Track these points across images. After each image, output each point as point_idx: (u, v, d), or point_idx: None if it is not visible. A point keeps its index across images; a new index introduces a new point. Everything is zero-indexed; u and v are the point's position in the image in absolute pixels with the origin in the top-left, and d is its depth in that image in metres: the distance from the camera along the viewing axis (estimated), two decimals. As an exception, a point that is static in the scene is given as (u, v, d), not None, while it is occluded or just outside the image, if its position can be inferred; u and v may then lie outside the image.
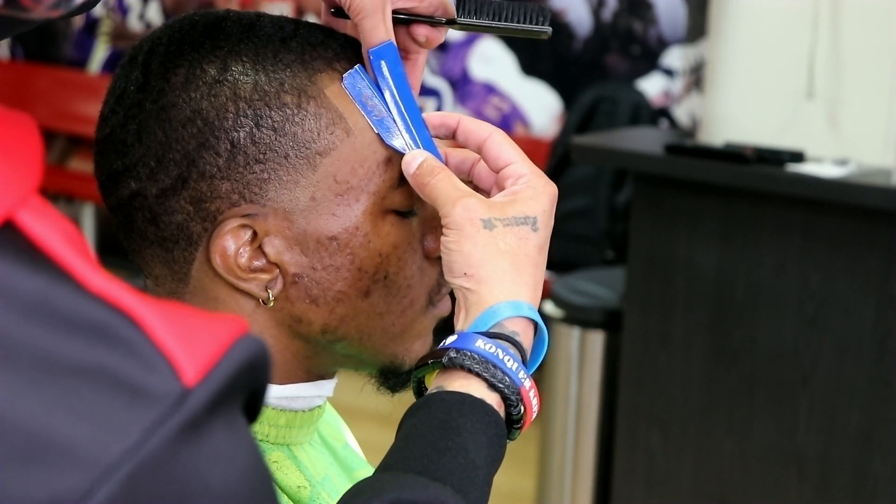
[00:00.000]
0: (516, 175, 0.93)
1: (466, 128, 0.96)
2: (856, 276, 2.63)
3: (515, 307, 0.88)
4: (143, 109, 0.92)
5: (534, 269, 0.90)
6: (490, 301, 0.88)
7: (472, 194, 0.91)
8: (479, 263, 0.89)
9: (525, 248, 0.90)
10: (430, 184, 0.91)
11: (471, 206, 0.90)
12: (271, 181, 0.91)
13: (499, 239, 0.89)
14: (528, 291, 0.89)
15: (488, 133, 0.95)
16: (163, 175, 0.91)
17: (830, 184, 2.58)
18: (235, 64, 0.92)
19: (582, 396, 3.07)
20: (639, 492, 2.92)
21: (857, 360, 2.64)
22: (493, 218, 0.90)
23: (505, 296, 0.88)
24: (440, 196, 0.91)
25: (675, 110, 4.41)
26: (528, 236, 0.90)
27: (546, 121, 4.68)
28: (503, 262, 0.89)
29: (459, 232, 0.89)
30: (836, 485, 2.68)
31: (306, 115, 0.92)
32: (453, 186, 0.91)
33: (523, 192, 0.92)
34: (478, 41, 4.79)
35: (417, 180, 0.92)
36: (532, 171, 0.93)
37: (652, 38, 4.47)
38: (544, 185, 0.92)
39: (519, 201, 0.91)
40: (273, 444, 0.96)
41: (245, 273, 0.92)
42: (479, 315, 0.88)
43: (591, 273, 3.40)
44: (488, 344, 0.86)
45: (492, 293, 0.88)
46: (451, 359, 0.87)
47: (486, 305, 0.88)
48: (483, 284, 0.89)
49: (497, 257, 0.89)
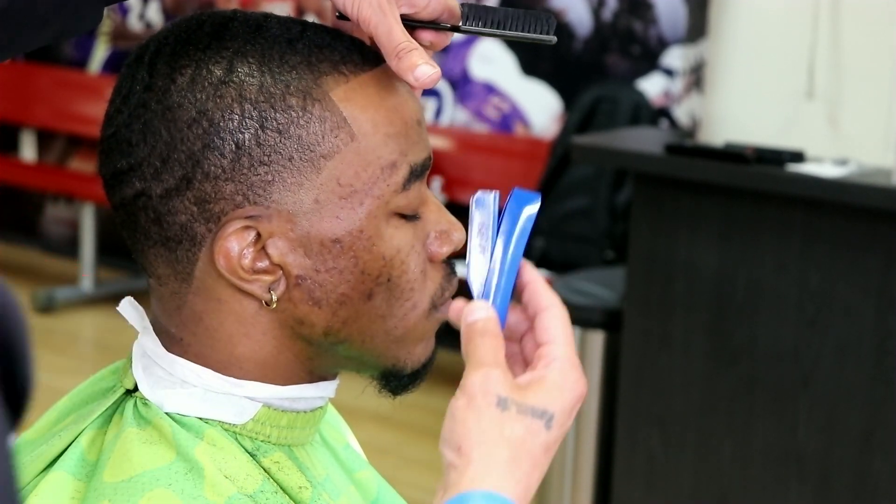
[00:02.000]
0: (550, 357, 0.86)
1: (533, 290, 0.89)
2: (856, 276, 2.63)
3: (491, 499, 0.80)
4: (148, 109, 0.92)
5: (532, 468, 0.82)
6: (470, 486, 0.80)
7: (501, 368, 0.84)
8: (475, 442, 0.82)
9: (530, 444, 0.82)
10: (475, 342, 0.86)
11: (492, 378, 0.83)
12: (275, 183, 0.91)
13: (507, 424, 0.82)
14: (518, 490, 0.81)
15: (547, 305, 0.88)
16: (167, 175, 0.92)
17: (830, 184, 2.58)
18: (241, 65, 0.92)
19: (582, 396, 3.07)
20: (639, 492, 2.92)
21: (857, 360, 2.64)
22: (511, 399, 0.83)
23: (489, 486, 0.80)
24: (473, 357, 0.85)
25: (676, 110, 4.41)
26: (538, 432, 0.83)
27: (546, 121, 4.68)
28: (501, 451, 0.81)
29: (470, 400, 0.83)
30: (836, 485, 2.68)
31: (311, 118, 0.92)
32: (491, 355, 0.85)
33: (551, 379, 0.84)
34: (478, 42, 4.79)
35: (467, 331, 0.87)
36: (567, 360, 0.86)
37: (652, 38, 4.47)
38: (575, 381, 0.85)
39: (543, 390, 0.84)
40: (274, 445, 0.96)
41: (248, 274, 0.92)
42: (453, 497, 0.80)
43: (591, 273, 3.40)
44: None
45: (474, 480, 0.80)
46: None
47: (464, 489, 0.80)
48: (471, 466, 0.81)
49: (497, 443, 0.81)
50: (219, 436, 0.94)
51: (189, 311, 0.95)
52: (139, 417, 0.95)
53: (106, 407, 0.97)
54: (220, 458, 0.93)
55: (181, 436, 0.93)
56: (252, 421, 0.95)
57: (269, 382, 0.96)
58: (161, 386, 0.95)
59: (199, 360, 0.95)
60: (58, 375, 4.56)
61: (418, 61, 0.91)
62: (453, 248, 0.99)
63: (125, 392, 0.98)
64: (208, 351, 0.95)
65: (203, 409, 0.95)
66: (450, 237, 0.98)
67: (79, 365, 4.72)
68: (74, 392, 1.03)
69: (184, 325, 0.95)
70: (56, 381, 4.48)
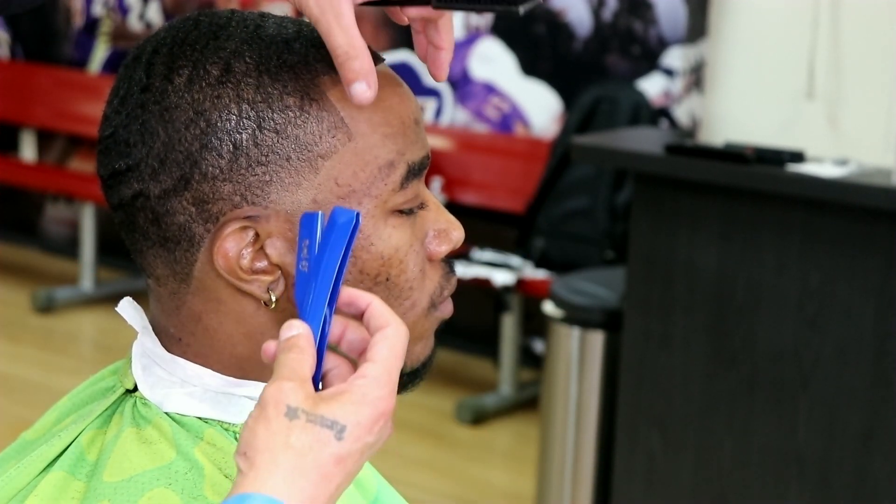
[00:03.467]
0: (360, 374, 0.84)
1: (372, 311, 0.87)
2: (856, 276, 2.63)
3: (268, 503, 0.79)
4: (146, 110, 0.92)
5: (319, 478, 0.80)
6: (250, 489, 0.80)
7: (298, 380, 0.83)
8: (260, 448, 0.81)
9: (317, 454, 0.80)
10: (279, 358, 0.84)
11: (284, 389, 0.82)
12: (273, 183, 0.91)
13: (294, 433, 0.81)
14: (301, 498, 0.80)
15: (384, 326, 0.86)
16: (165, 176, 0.92)
17: (830, 184, 2.58)
18: (239, 65, 0.92)
19: (582, 396, 3.07)
20: (639, 492, 2.92)
21: (857, 360, 2.64)
22: (301, 409, 0.81)
23: (268, 491, 0.79)
24: (276, 370, 0.84)
25: (675, 110, 4.41)
26: (326, 442, 0.81)
27: (546, 121, 4.68)
28: (284, 458, 0.80)
29: (262, 409, 0.82)
30: (836, 485, 2.68)
31: (308, 118, 0.92)
32: (290, 367, 0.83)
33: (350, 394, 0.83)
34: (478, 42, 4.79)
35: (277, 348, 0.86)
36: (376, 379, 0.83)
37: (652, 38, 4.47)
38: (376, 399, 0.83)
39: (337, 402, 0.82)
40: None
41: (247, 274, 0.92)
42: (232, 497, 0.80)
43: (591, 273, 3.40)
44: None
45: (256, 483, 0.79)
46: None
47: (244, 491, 0.80)
48: (253, 470, 0.80)
49: (281, 450, 0.80)
50: (218, 436, 0.94)
51: (188, 311, 0.95)
52: (139, 417, 0.95)
53: (105, 407, 0.97)
54: (220, 457, 0.93)
55: (181, 435, 0.93)
56: (252, 420, 0.95)
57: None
58: (161, 386, 0.95)
59: (198, 359, 0.95)
60: (58, 375, 4.56)
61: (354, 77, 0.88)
62: (452, 247, 0.98)
63: (125, 392, 0.98)
64: (207, 351, 0.95)
65: (202, 409, 0.95)
66: (448, 236, 0.98)
67: (79, 365, 4.72)
68: (74, 392, 1.03)
69: (183, 325, 0.95)
70: (56, 381, 4.49)
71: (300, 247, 0.87)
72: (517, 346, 4.44)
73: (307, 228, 0.87)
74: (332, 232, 0.86)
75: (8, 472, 0.97)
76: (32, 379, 4.53)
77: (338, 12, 0.87)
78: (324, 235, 0.87)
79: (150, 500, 0.90)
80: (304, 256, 0.87)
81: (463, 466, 3.95)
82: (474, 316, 4.49)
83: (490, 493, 3.80)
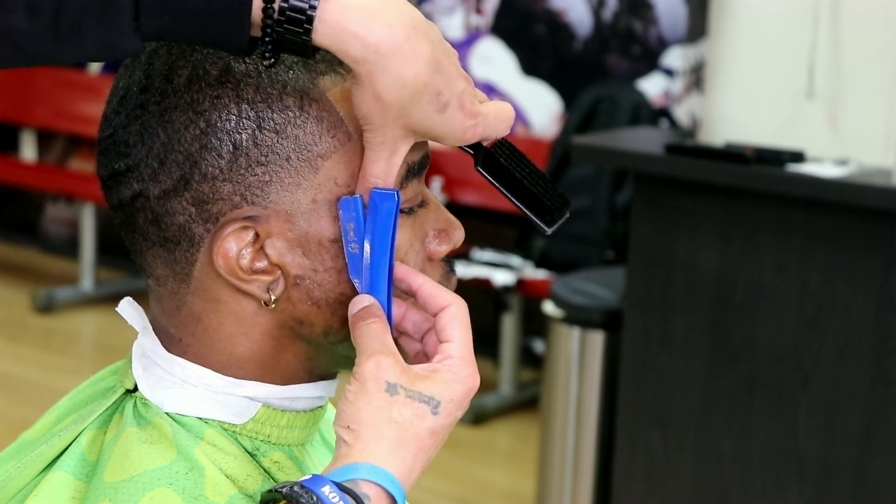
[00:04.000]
0: (446, 354, 0.90)
1: (426, 292, 0.92)
2: (856, 276, 2.63)
3: (376, 473, 0.85)
4: (145, 110, 0.92)
5: (417, 450, 0.87)
6: (357, 460, 0.85)
7: (391, 354, 0.88)
8: (364, 422, 0.86)
9: (416, 427, 0.87)
10: (361, 328, 0.89)
11: (382, 365, 0.87)
12: (273, 183, 0.91)
13: (395, 407, 0.87)
14: (402, 469, 0.86)
15: (445, 304, 0.91)
16: (165, 176, 0.92)
17: (830, 184, 2.58)
18: (238, 66, 0.91)
19: (582, 396, 3.07)
20: (639, 492, 2.92)
21: (857, 360, 2.64)
22: (400, 385, 0.87)
23: (377, 461, 0.85)
24: (362, 344, 0.89)
25: (676, 110, 4.41)
26: (424, 416, 0.87)
27: (546, 121, 4.68)
28: (388, 431, 0.86)
29: (361, 385, 0.87)
30: (836, 485, 2.68)
31: (308, 118, 0.92)
32: (379, 340, 0.89)
33: (442, 373, 0.89)
34: (478, 41, 4.79)
35: (352, 321, 0.91)
36: (462, 358, 0.90)
37: (652, 38, 4.47)
38: (466, 377, 0.89)
39: (432, 380, 0.88)
40: (274, 445, 0.96)
41: (247, 275, 0.92)
42: (341, 466, 0.85)
43: (591, 273, 3.40)
44: (333, 493, 0.83)
45: (363, 454, 0.85)
46: (290, 492, 0.84)
47: (352, 460, 0.85)
48: (359, 442, 0.86)
49: (384, 424, 0.86)
50: (218, 436, 0.94)
51: (188, 311, 0.95)
52: (139, 417, 0.95)
53: (106, 407, 0.97)
54: (221, 458, 0.93)
55: (181, 436, 0.93)
56: (252, 421, 0.95)
57: (268, 382, 0.96)
58: (161, 386, 0.95)
59: (198, 359, 0.95)
60: (58, 375, 4.57)
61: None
62: (452, 247, 0.99)
63: (125, 392, 0.98)
64: (208, 351, 0.95)
65: (203, 409, 0.95)
66: (449, 235, 0.98)
67: (79, 365, 4.73)
68: (74, 392, 1.03)
69: (183, 325, 0.95)
70: (56, 381, 4.50)
71: (345, 230, 0.91)
72: (517, 346, 4.44)
73: (349, 212, 0.91)
74: (377, 212, 0.90)
75: (8, 472, 0.97)
76: (32, 379, 4.53)
77: (394, 150, 0.89)
78: (368, 216, 0.90)
79: (151, 499, 0.89)
80: (351, 239, 0.91)
81: (463, 466, 3.95)
82: (474, 316, 4.46)
83: (490, 493, 3.80)
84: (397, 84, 0.85)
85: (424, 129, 0.88)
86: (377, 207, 0.90)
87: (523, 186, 0.96)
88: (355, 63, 0.85)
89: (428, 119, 0.87)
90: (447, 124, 0.88)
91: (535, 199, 0.96)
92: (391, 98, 0.86)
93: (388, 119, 0.87)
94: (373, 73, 0.85)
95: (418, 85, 0.85)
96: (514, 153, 0.96)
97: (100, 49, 0.84)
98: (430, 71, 0.86)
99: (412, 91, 0.86)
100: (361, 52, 0.84)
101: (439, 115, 0.88)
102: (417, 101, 0.86)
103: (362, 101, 0.87)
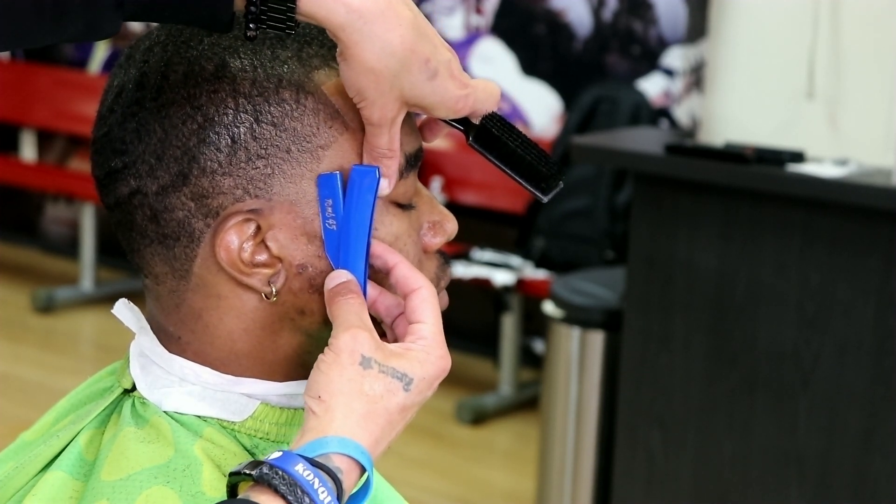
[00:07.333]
0: (419, 335, 0.91)
1: (401, 272, 0.93)
2: (856, 276, 2.63)
3: (345, 445, 0.85)
4: (141, 107, 0.92)
5: (385, 423, 0.88)
6: (327, 432, 0.86)
7: (368, 329, 0.89)
8: (335, 392, 0.87)
9: (386, 402, 0.88)
10: (338, 302, 0.90)
11: (359, 339, 0.88)
12: (276, 175, 0.92)
13: (367, 381, 0.87)
14: (369, 440, 0.87)
15: (417, 287, 0.92)
16: (162, 172, 0.92)
17: (830, 184, 2.58)
18: (233, 61, 0.92)
19: (582, 396, 3.07)
20: (639, 492, 2.92)
21: (857, 360, 2.64)
22: (374, 360, 0.88)
23: (344, 433, 0.86)
24: (339, 317, 0.90)
25: (675, 110, 4.41)
26: (395, 392, 0.88)
27: (546, 121, 4.68)
28: (358, 404, 0.87)
29: (336, 356, 0.88)
30: (836, 485, 2.68)
31: (305, 111, 0.92)
32: (356, 315, 0.90)
33: (416, 352, 0.90)
34: (478, 41, 4.79)
35: (329, 295, 0.91)
36: (434, 339, 0.91)
37: (652, 38, 4.48)
38: (438, 358, 0.90)
39: (406, 357, 0.89)
40: (273, 442, 0.96)
41: (248, 268, 0.92)
42: (311, 441, 0.85)
43: (591, 273, 3.40)
44: (307, 471, 0.83)
45: (332, 425, 0.86)
46: (262, 474, 0.83)
47: (322, 434, 0.86)
48: (328, 413, 0.86)
49: (355, 396, 0.87)
50: (217, 434, 0.94)
51: (188, 308, 0.95)
52: (137, 416, 0.95)
53: (104, 407, 0.97)
54: (220, 454, 0.93)
55: (180, 434, 0.93)
56: (251, 418, 0.95)
57: (267, 379, 0.96)
58: (159, 385, 0.95)
59: (197, 357, 0.95)
60: (58, 375, 4.57)
61: (384, 175, 0.93)
62: (446, 239, 1.00)
63: (123, 392, 0.98)
64: (207, 348, 0.95)
65: (201, 408, 0.95)
66: (443, 227, 0.99)
67: (79, 365, 4.73)
68: (72, 393, 1.03)
69: (182, 322, 0.95)
70: (56, 381, 4.50)
71: (323, 206, 0.92)
72: (517, 346, 4.44)
73: (327, 189, 0.91)
74: (356, 189, 0.91)
75: (6, 473, 0.97)
76: (32, 379, 4.53)
77: (393, 120, 0.90)
78: (348, 193, 0.91)
79: (147, 497, 0.89)
80: (329, 215, 0.92)
81: (463, 466, 3.95)
82: (474, 316, 4.49)
83: (490, 493, 3.80)
84: (385, 51, 0.87)
85: (417, 97, 0.90)
86: (357, 184, 0.91)
87: (518, 156, 0.96)
88: (341, 30, 0.86)
89: (419, 87, 0.89)
90: (438, 93, 0.90)
91: (531, 168, 0.96)
92: (381, 66, 0.87)
93: (381, 91, 0.88)
94: (359, 42, 0.86)
95: (405, 51, 0.87)
96: (505, 124, 0.96)
97: (82, 28, 0.84)
98: (414, 36, 0.87)
99: (400, 58, 0.87)
100: (346, 17, 0.85)
101: (430, 83, 0.89)
102: (407, 68, 0.88)
103: (353, 77, 0.88)
